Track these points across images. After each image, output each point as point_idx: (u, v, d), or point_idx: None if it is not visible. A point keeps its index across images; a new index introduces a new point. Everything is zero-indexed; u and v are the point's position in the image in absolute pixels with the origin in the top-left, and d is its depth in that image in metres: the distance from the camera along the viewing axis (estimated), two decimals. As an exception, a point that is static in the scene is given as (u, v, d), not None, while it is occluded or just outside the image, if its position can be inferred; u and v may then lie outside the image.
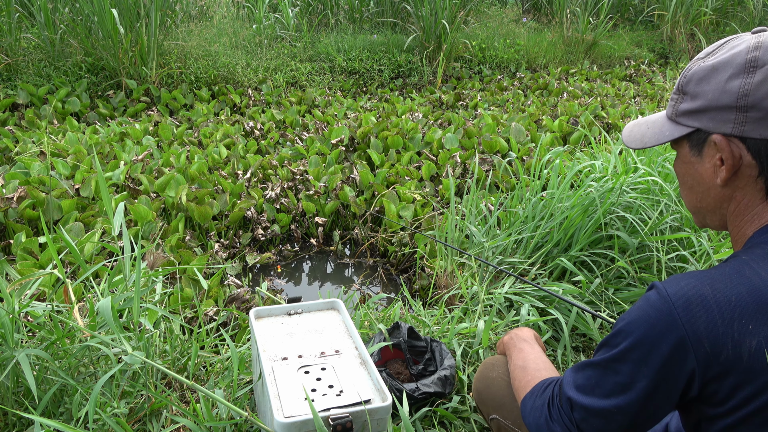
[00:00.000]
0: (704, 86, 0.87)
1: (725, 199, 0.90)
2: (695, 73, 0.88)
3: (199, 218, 2.91)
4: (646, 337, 0.81)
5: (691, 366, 0.78)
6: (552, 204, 2.46)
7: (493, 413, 1.29)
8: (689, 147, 0.91)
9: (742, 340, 0.76)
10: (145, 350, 1.47)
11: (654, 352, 0.80)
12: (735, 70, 0.83)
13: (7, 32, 4.87)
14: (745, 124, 0.83)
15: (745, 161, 0.85)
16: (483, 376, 1.35)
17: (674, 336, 0.78)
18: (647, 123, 0.98)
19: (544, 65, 6.86)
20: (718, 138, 0.85)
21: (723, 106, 0.84)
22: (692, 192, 0.94)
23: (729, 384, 0.77)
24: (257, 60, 5.86)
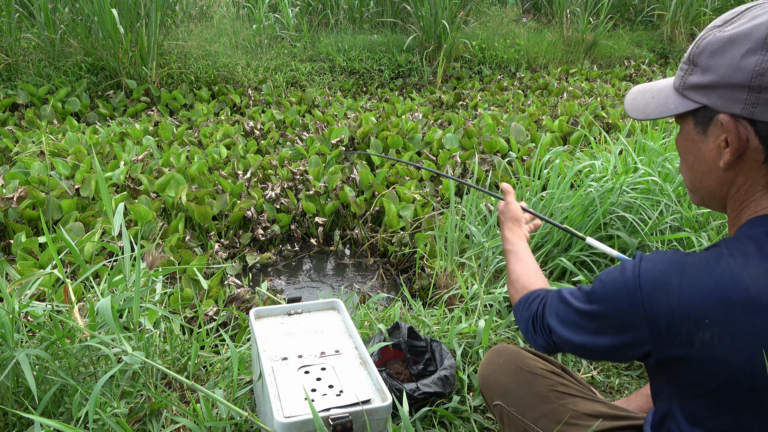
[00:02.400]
0: (717, 60, 0.80)
1: (726, 182, 0.85)
2: (709, 43, 0.81)
3: (199, 218, 2.91)
4: (611, 309, 0.87)
5: (648, 343, 0.83)
6: (552, 204, 2.46)
7: (497, 399, 1.28)
8: (694, 123, 0.86)
9: (696, 330, 0.77)
10: (145, 350, 1.46)
11: (616, 323, 0.86)
12: (753, 44, 0.76)
13: (7, 32, 4.87)
14: (757, 105, 0.77)
15: (751, 145, 0.79)
16: (489, 362, 1.34)
17: (635, 315, 0.82)
18: (652, 91, 0.92)
19: (544, 65, 6.86)
20: (726, 118, 0.79)
21: (735, 84, 0.78)
22: (692, 171, 0.90)
23: (682, 367, 0.81)
24: (257, 60, 5.86)
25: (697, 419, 0.84)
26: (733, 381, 0.77)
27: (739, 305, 0.75)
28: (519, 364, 1.29)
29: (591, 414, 1.16)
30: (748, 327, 0.75)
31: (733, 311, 0.75)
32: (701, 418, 0.84)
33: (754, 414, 0.79)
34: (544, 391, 1.22)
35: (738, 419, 0.80)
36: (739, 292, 0.75)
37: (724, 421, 0.81)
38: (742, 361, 0.75)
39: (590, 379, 1.88)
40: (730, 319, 0.75)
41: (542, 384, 1.24)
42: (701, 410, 0.83)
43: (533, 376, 1.26)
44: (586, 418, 1.16)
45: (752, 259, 0.77)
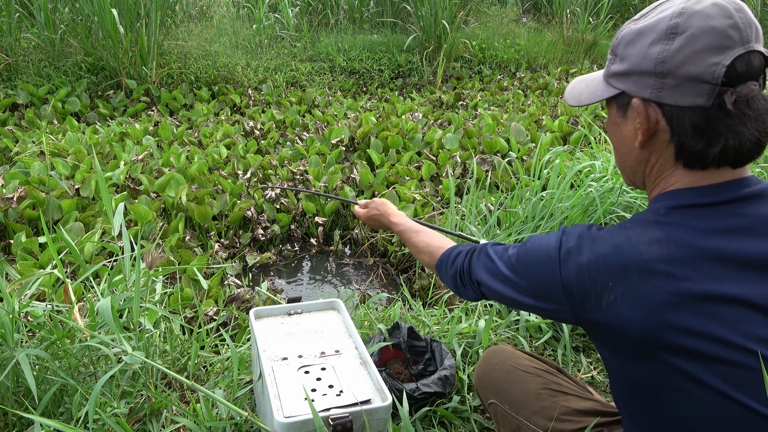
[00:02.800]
0: (630, 49, 0.88)
1: (642, 161, 0.93)
2: (625, 35, 0.90)
3: (199, 218, 2.91)
4: (532, 277, 0.96)
5: (565, 308, 0.91)
6: (552, 204, 2.46)
7: (492, 398, 1.32)
8: (616, 108, 0.94)
9: (602, 293, 0.85)
10: (145, 350, 1.46)
11: (537, 290, 0.95)
12: (657, 35, 0.84)
13: (7, 32, 4.87)
14: (662, 90, 0.85)
15: (660, 126, 0.87)
16: (485, 362, 1.38)
17: (553, 283, 0.91)
18: (587, 80, 1.01)
19: (544, 65, 6.86)
20: (637, 102, 0.88)
21: (644, 70, 0.86)
22: (617, 152, 0.99)
23: (598, 328, 0.89)
24: (257, 60, 5.86)
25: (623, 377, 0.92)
26: (636, 338, 0.84)
27: (634, 269, 0.83)
28: (513, 363, 1.33)
29: (583, 411, 1.19)
30: (642, 288, 0.82)
31: (629, 274, 0.83)
32: (628, 376, 0.90)
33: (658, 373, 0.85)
34: (537, 389, 1.25)
35: (648, 371, 0.86)
36: (633, 257, 0.84)
37: (640, 375, 0.88)
38: (640, 318, 0.82)
39: (590, 380, 1.88)
40: (628, 281, 0.83)
41: (535, 382, 1.27)
42: (625, 368, 0.90)
43: (527, 375, 1.29)
44: (578, 415, 1.18)
45: (648, 228, 0.86)
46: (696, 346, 0.80)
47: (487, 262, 1.07)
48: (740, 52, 0.80)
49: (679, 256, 0.82)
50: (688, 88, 0.82)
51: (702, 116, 0.83)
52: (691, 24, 0.82)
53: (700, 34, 0.81)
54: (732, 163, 0.85)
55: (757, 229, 0.83)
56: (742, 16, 0.82)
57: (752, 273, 0.81)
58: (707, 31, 0.81)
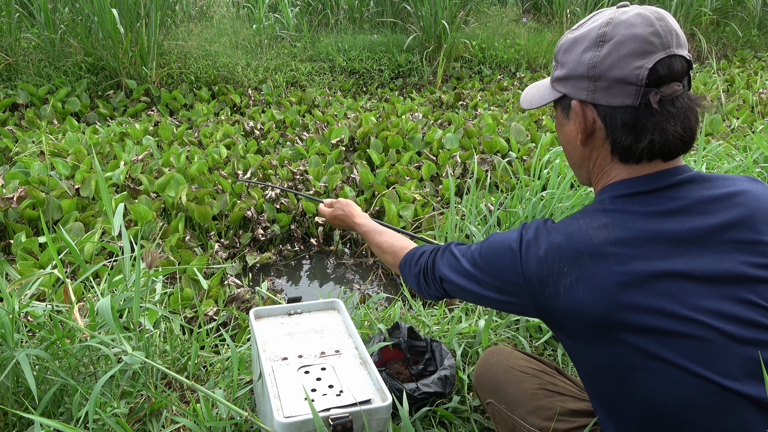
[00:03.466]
0: (567, 56, 0.97)
1: (585, 157, 1.01)
2: (564, 43, 0.99)
3: (199, 218, 2.91)
4: (495, 270, 1.01)
5: (526, 299, 0.96)
6: (552, 204, 2.46)
7: (489, 398, 1.33)
8: (560, 110, 1.02)
9: (559, 279, 0.91)
10: (145, 350, 1.46)
11: (498, 282, 1.00)
12: (589, 43, 0.93)
13: (7, 32, 4.87)
14: (596, 92, 0.93)
15: (597, 125, 0.96)
16: (483, 362, 1.40)
17: (514, 274, 0.96)
18: (537, 86, 1.09)
19: (544, 65, 6.86)
20: (575, 103, 0.96)
21: (579, 75, 0.94)
22: (565, 150, 1.07)
23: (557, 315, 0.93)
24: (257, 60, 5.86)
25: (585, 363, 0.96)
26: (593, 321, 0.88)
27: (586, 253, 0.89)
28: (510, 363, 1.34)
29: (578, 411, 1.20)
30: (595, 270, 0.88)
31: (581, 258, 0.89)
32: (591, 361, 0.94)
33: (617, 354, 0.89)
34: (533, 389, 1.27)
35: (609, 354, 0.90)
36: (585, 242, 0.90)
37: (601, 359, 0.92)
38: (595, 300, 0.87)
39: (590, 379, 1.88)
40: (581, 265, 0.89)
41: (532, 382, 1.28)
42: (586, 353, 0.94)
43: (523, 375, 1.30)
44: (572, 415, 1.20)
45: (596, 216, 0.93)
46: (649, 322, 0.85)
47: (450, 259, 1.12)
48: (661, 56, 0.88)
49: (626, 238, 0.88)
50: (617, 89, 0.91)
51: (631, 114, 0.91)
52: (617, 32, 0.90)
53: (624, 41, 0.89)
54: (661, 156, 0.93)
55: (693, 209, 0.90)
56: (663, 24, 0.90)
57: (692, 248, 0.87)
58: (631, 38, 0.89)
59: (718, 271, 0.86)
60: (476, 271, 1.04)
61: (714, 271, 0.86)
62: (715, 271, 0.86)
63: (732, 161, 2.72)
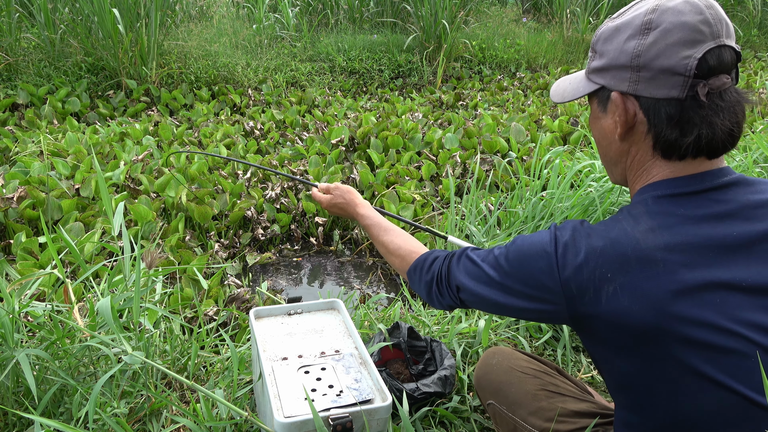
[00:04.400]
0: (608, 45, 0.91)
1: (623, 153, 0.96)
2: (603, 32, 0.93)
3: (198, 218, 2.91)
4: (526, 274, 0.94)
5: (560, 305, 0.90)
6: (552, 204, 2.46)
7: (490, 398, 1.33)
8: (597, 103, 0.97)
9: (601, 286, 0.85)
10: (145, 350, 1.46)
11: (530, 287, 0.93)
12: (632, 31, 0.88)
13: (7, 32, 4.87)
14: (639, 83, 0.88)
15: (638, 118, 0.90)
16: (484, 363, 1.39)
17: (550, 279, 0.90)
18: (570, 79, 1.04)
19: (544, 65, 6.86)
20: (616, 95, 0.91)
21: (621, 65, 0.89)
22: (599, 146, 1.01)
23: (595, 322, 0.88)
24: (257, 60, 5.86)
25: (620, 374, 0.92)
26: (636, 328, 0.84)
27: (633, 258, 0.84)
28: (511, 364, 1.34)
29: (579, 412, 1.20)
30: (641, 277, 0.83)
31: (628, 264, 0.84)
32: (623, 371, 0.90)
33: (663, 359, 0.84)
34: (535, 390, 1.26)
35: (650, 365, 0.86)
36: (632, 246, 0.84)
37: (639, 369, 0.87)
38: (640, 309, 0.83)
39: (590, 380, 1.88)
40: (627, 271, 0.84)
41: (533, 383, 1.28)
42: (620, 363, 0.90)
43: (524, 376, 1.30)
44: (573, 416, 1.19)
45: (641, 219, 0.87)
46: (694, 334, 0.81)
47: (468, 265, 1.04)
48: (711, 46, 0.83)
49: (674, 244, 0.83)
50: (662, 80, 0.86)
51: (676, 107, 0.86)
52: (664, 19, 0.85)
53: (672, 28, 0.84)
54: (707, 153, 0.88)
55: (740, 214, 0.86)
56: (713, 12, 0.85)
57: (738, 256, 0.83)
58: (679, 26, 0.84)
59: (762, 282, 0.82)
60: (502, 277, 0.97)
61: (758, 281, 0.82)
62: (759, 282, 0.82)
63: (732, 161, 2.72)
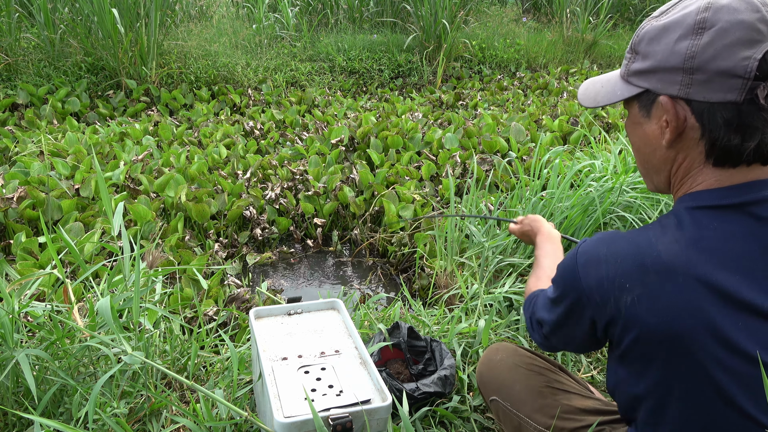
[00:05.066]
0: (654, 46, 0.86)
1: (668, 160, 0.91)
2: (647, 32, 0.88)
3: (196, 216, 2.90)
4: (563, 291, 0.95)
5: (590, 313, 0.90)
6: (552, 204, 2.46)
7: (493, 395, 1.32)
8: (639, 107, 0.92)
9: (620, 295, 0.84)
10: (144, 350, 1.46)
11: (568, 300, 0.94)
12: (684, 30, 0.83)
13: (7, 32, 4.87)
14: (691, 86, 0.83)
15: (689, 123, 0.85)
16: (487, 359, 1.38)
17: (577, 290, 0.91)
18: (601, 81, 0.99)
19: (544, 65, 6.86)
20: (665, 99, 0.86)
21: (671, 67, 0.84)
22: (639, 153, 0.97)
23: (617, 331, 0.88)
24: (257, 60, 5.86)
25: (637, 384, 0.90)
26: (652, 341, 0.83)
27: (652, 270, 0.82)
28: (515, 361, 1.33)
29: (584, 409, 1.19)
30: (660, 290, 0.81)
31: (647, 275, 0.82)
32: (640, 382, 0.89)
33: (676, 373, 0.84)
34: (539, 387, 1.26)
35: (664, 377, 0.85)
36: (652, 257, 0.83)
37: (655, 381, 0.87)
38: (657, 322, 0.82)
39: (590, 379, 1.88)
40: (645, 282, 0.82)
41: (537, 380, 1.27)
42: (638, 374, 0.89)
43: (529, 373, 1.29)
44: (579, 413, 1.19)
45: (669, 230, 0.85)
46: (705, 351, 0.79)
47: (544, 299, 1.05)
48: None
49: (698, 258, 0.80)
50: (718, 83, 0.81)
51: (733, 111, 0.81)
52: (720, 18, 0.80)
53: (729, 28, 0.79)
54: (764, 159, 0.84)
55: None
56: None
57: (763, 278, 0.80)
58: (736, 25, 0.79)
59: None
60: (555, 304, 0.98)
61: None
62: None
63: None
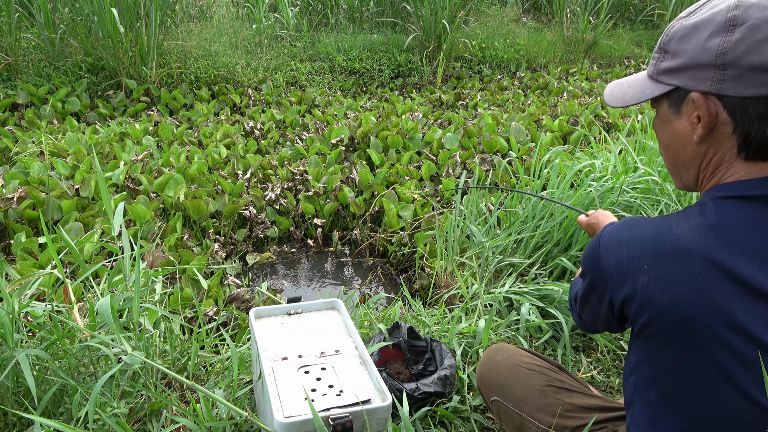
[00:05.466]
0: (685, 44, 0.88)
1: (699, 155, 0.92)
2: (677, 31, 0.90)
3: (193, 213, 2.90)
4: (587, 268, 0.98)
5: (609, 292, 0.93)
6: (552, 204, 2.46)
7: (494, 395, 1.32)
8: (668, 105, 0.94)
9: (637, 275, 0.87)
10: (145, 350, 1.46)
11: (590, 279, 0.98)
12: (715, 28, 0.85)
13: (7, 32, 4.87)
14: (723, 81, 0.85)
15: (720, 118, 0.87)
16: (487, 360, 1.39)
17: (597, 269, 0.94)
18: (628, 82, 1.01)
19: (544, 65, 6.86)
20: (697, 95, 0.87)
21: (702, 64, 0.86)
22: (668, 150, 0.98)
23: (632, 311, 0.90)
24: (257, 60, 5.86)
25: (649, 365, 0.92)
26: (665, 322, 0.85)
27: (670, 252, 0.84)
28: (516, 361, 1.33)
29: (587, 407, 1.20)
30: (676, 272, 0.83)
31: (664, 257, 0.85)
32: (651, 362, 0.92)
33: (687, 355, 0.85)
34: (541, 386, 1.26)
35: (675, 360, 0.87)
36: (671, 241, 0.85)
37: (667, 363, 0.89)
38: (669, 303, 0.84)
39: (590, 379, 1.88)
40: (661, 264, 0.85)
41: (538, 379, 1.28)
42: (650, 354, 0.91)
43: (530, 372, 1.30)
44: (582, 411, 1.19)
45: (691, 216, 0.87)
46: (719, 335, 0.81)
47: (578, 281, 1.08)
48: None
49: (717, 245, 0.82)
50: (750, 78, 0.83)
51: (765, 105, 0.83)
52: (751, 15, 0.82)
53: (760, 24, 0.82)
54: None
55: None
56: None
57: None
58: (767, 22, 0.82)
59: None
60: (581, 271, 1.01)
61: None
62: None
63: None
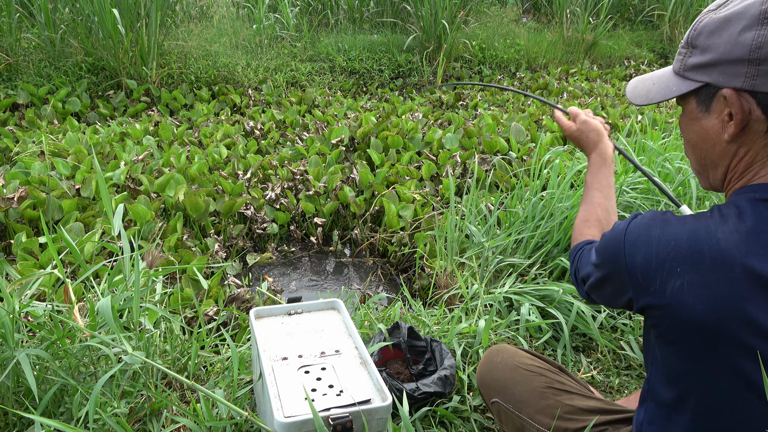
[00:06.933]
0: (715, 39, 0.84)
1: (728, 154, 0.88)
2: (706, 25, 0.86)
3: (191, 210, 2.89)
4: (604, 261, 0.95)
5: (628, 291, 0.90)
6: (552, 204, 2.46)
7: (495, 397, 1.32)
8: (696, 102, 0.90)
9: (668, 278, 0.83)
10: (145, 350, 1.47)
11: (607, 272, 0.95)
12: (748, 21, 0.81)
13: (7, 32, 4.87)
14: (757, 77, 0.81)
15: (754, 116, 0.83)
16: (487, 361, 1.38)
17: (618, 266, 0.91)
18: (652, 79, 0.97)
19: (544, 65, 6.86)
20: (729, 92, 0.83)
21: (735, 59, 0.82)
22: (696, 149, 0.94)
23: (656, 313, 0.86)
24: (257, 60, 5.86)
25: (669, 367, 0.90)
26: (696, 328, 0.82)
27: (709, 256, 0.80)
28: (516, 362, 1.33)
29: (587, 409, 1.19)
30: (714, 278, 0.80)
31: (702, 261, 0.81)
32: (672, 365, 0.89)
33: (715, 362, 0.83)
34: (541, 388, 1.25)
35: (701, 365, 0.85)
36: (710, 245, 0.81)
37: (690, 367, 0.86)
38: (705, 309, 0.80)
39: (590, 379, 1.88)
40: (698, 269, 0.81)
41: (539, 381, 1.27)
42: (672, 357, 0.89)
43: (530, 374, 1.29)
44: (582, 413, 1.18)
45: (730, 219, 0.82)
46: (751, 344, 0.79)
47: (586, 256, 1.06)
48: None
49: (757, 252, 0.79)
50: None
51: None
52: None
53: None
54: None
55: None
56: None
57: None
58: None
59: None
60: (597, 261, 0.98)
61: None
62: None
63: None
